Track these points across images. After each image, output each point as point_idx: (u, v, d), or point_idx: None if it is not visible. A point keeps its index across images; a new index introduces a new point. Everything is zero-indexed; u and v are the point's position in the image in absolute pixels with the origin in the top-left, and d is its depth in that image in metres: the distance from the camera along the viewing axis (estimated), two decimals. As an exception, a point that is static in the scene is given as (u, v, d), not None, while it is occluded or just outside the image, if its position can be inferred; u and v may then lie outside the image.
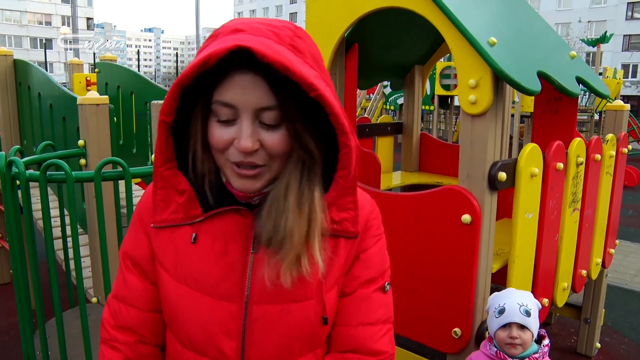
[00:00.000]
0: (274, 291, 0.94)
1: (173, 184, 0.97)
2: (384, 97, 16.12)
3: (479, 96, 2.00)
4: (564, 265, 2.63)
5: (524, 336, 1.83)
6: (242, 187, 0.91)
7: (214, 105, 0.87)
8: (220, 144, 0.88)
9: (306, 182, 0.93)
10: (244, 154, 0.87)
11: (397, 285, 2.41)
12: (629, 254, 5.91)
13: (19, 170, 2.16)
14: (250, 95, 0.84)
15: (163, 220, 1.00)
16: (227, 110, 0.86)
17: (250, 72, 0.84)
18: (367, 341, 1.04)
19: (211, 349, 0.97)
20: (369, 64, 3.29)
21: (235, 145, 0.87)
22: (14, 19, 56.23)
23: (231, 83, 0.85)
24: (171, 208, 0.99)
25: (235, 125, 0.87)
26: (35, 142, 4.20)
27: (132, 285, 1.06)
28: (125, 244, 1.09)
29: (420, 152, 4.00)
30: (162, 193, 0.98)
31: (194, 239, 0.99)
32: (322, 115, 0.88)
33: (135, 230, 1.07)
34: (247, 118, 0.86)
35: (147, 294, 1.05)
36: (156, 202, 0.99)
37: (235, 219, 0.97)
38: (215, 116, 0.88)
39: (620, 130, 3.19)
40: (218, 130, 0.88)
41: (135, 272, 1.06)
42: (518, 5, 2.71)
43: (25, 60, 4.50)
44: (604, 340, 3.67)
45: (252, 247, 0.96)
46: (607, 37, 14.51)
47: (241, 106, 0.85)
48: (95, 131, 2.80)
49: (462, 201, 2.10)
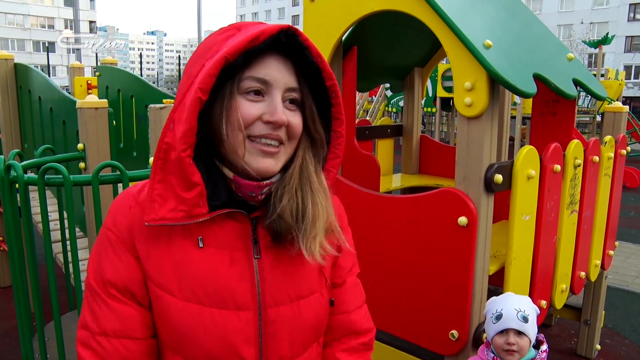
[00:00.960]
0: (284, 292, 0.98)
1: (187, 175, 0.90)
2: (386, 100, 16.14)
3: (475, 99, 2.00)
4: (562, 267, 2.62)
5: (521, 342, 1.81)
6: (263, 167, 0.92)
7: (246, 81, 0.90)
8: (249, 118, 0.90)
9: (317, 166, 0.99)
10: (273, 127, 0.91)
11: (395, 287, 2.42)
12: (630, 255, 5.89)
13: (17, 174, 2.17)
14: (283, 73, 0.92)
15: (161, 218, 0.91)
16: (259, 86, 0.91)
17: (282, 55, 0.92)
18: (360, 322, 1.15)
19: (231, 359, 0.96)
20: (368, 66, 3.29)
21: (266, 118, 0.90)
22: (17, 22, 56.44)
23: (266, 62, 0.91)
24: (169, 205, 0.91)
25: (264, 102, 0.91)
26: (35, 145, 4.22)
27: (125, 315, 0.94)
28: (105, 270, 0.94)
29: (420, 155, 4.00)
30: (160, 188, 0.92)
31: (200, 242, 0.94)
32: (322, 106, 0.98)
33: (117, 252, 0.95)
34: (278, 95, 0.91)
35: (144, 321, 0.95)
36: (153, 197, 0.91)
37: (232, 225, 0.96)
38: (244, 93, 0.91)
39: (619, 131, 3.18)
40: (247, 105, 0.90)
41: (125, 300, 0.94)
42: (516, 9, 2.72)
43: (28, 63, 4.53)
44: (604, 342, 3.66)
45: (255, 253, 0.97)
46: (609, 39, 14.49)
47: (274, 83, 0.91)
48: (95, 135, 2.81)
49: (459, 204, 2.10)
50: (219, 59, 0.86)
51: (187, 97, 0.89)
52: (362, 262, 2.48)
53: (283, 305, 0.98)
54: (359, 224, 2.50)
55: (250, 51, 0.88)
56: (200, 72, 0.89)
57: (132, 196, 0.98)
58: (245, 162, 0.91)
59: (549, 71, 2.27)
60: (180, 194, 0.91)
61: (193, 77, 0.90)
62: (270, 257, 0.97)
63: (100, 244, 0.97)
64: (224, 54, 0.86)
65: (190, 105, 0.87)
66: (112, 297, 0.94)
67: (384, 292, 2.44)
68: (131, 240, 0.94)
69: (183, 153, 0.88)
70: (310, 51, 0.92)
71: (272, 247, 0.98)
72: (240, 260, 0.95)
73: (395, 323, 2.43)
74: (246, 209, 0.96)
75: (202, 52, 0.94)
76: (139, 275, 0.94)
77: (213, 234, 0.95)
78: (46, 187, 2.24)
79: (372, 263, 2.47)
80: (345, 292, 1.12)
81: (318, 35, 2.59)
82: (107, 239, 0.96)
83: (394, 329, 2.44)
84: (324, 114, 0.99)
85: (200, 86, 0.86)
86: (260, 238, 0.97)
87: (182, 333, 0.93)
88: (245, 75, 0.90)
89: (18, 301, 2.39)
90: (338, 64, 2.70)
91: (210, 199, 0.93)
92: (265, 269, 0.97)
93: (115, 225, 0.96)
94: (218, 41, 0.92)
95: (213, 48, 0.91)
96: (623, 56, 41.33)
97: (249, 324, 0.95)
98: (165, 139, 0.91)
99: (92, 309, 0.94)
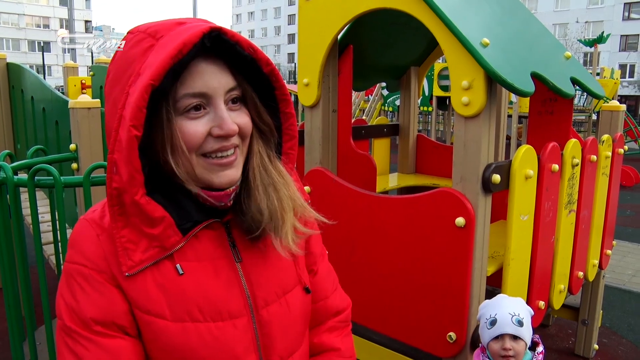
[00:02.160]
0: (271, 290, 0.98)
1: (148, 214, 0.85)
2: (382, 99, 16.12)
3: (472, 98, 1.98)
4: (560, 267, 2.60)
5: (517, 347, 1.79)
6: (226, 180, 0.89)
7: (182, 100, 0.84)
8: (197, 139, 0.85)
9: (272, 156, 0.98)
10: (225, 139, 0.87)
11: (392, 288, 2.40)
12: (627, 254, 5.89)
13: (7, 176, 2.14)
14: (219, 78, 0.86)
15: (139, 263, 0.86)
16: (198, 101, 0.85)
17: (211, 57, 0.85)
18: (337, 303, 1.19)
19: None
20: (364, 65, 3.27)
21: (215, 132, 0.86)
22: (12, 21, 56.23)
23: (198, 71, 0.84)
24: (142, 247, 0.87)
25: (207, 115, 0.86)
26: (28, 146, 4.18)
27: (116, 349, 0.87)
28: (84, 309, 0.86)
29: (417, 154, 3.98)
30: (127, 233, 0.86)
31: (180, 270, 0.89)
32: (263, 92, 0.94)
33: (95, 286, 0.87)
34: (220, 102, 0.86)
35: (136, 350, 0.89)
36: (123, 245, 0.85)
37: (208, 235, 0.94)
38: (183, 113, 0.85)
39: (616, 130, 3.17)
40: (189, 125, 0.85)
41: (114, 334, 0.87)
42: (514, 8, 2.70)
43: (23, 63, 4.49)
44: (602, 341, 3.65)
45: (235, 257, 0.95)
46: (605, 38, 14.54)
47: (213, 92, 0.85)
48: (87, 135, 2.78)
49: (456, 204, 2.07)
50: (144, 87, 0.78)
51: (120, 134, 0.81)
52: (358, 263, 2.47)
53: (273, 304, 0.98)
54: (354, 224, 2.47)
55: (176, 67, 0.80)
56: (127, 104, 0.81)
57: (95, 224, 0.90)
58: (205, 180, 0.88)
59: (546, 70, 2.25)
60: (148, 232, 0.87)
61: (120, 109, 0.82)
62: (251, 258, 0.97)
63: (71, 281, 0.88)
64: (148, 79, 0.78)
65: (127, 145, 0.80)
66: (98, 334, 0.86)
67: (380, 293, 2.41)
68: (109, 269, 0.87)
69: (136, 196, 0.83)
70: (242, 45, 0.86)
71: (249, 248, 0.97)
72: (223, 268, 0.93)
73: (392, 325, 2.40)
74: (217, 215, 0.94)
75: (120, 71, 0.86)
76: (124, 306, 0.87)
77: (192, 249, 0.91)
78: (38, 188, 2.20)
79: (368, 264, 2.44)
80: (321, 280, 1.15)
81: (313, 34, 2.56)
82: (80, 274, 0.87)
83: (391, 331, 2.42)
84: (268, 100, 0.95)
85: (132, 123, 0.79)
86: (237, 241, 0.96)
87: (181, 356, 0.88)
88: (180, 94, 0.83)
89: (8, 304, 2.36)
90: (334, 63, 2.67)
91: (180, 225, 0.89)
92: (249, 272, 0.96)
93: (86, 257, 0.88)
94: (136, 57, 0.84)
95: (132, 66, 0.83)
96: (618, 55, 41.52)
97: (246, 330, 0.94)
98: (112, 184, 0.84)
99: (76, 353, 0.85)
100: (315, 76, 2.57)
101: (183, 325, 0.88)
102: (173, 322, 0.88)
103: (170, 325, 0.88)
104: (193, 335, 0.88)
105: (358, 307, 2.51)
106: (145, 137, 0.83)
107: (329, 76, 2.65)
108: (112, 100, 0.86)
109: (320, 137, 2.64)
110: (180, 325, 0.88)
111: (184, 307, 0.88)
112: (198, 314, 0.89)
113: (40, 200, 3.24)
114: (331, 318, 1.18)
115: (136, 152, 0.81)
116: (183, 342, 0.88)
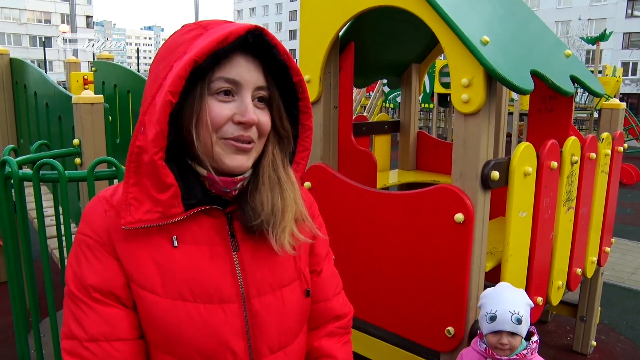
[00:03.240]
0: (266, 282, 1.00)
1: (161, 177, 0.90)
2: (383, 95, 16.12)
3: (472, 95, 2.00)
4: (559, 263, 2.63)
5: (513, 342, 1.85)
6: (237, 164, 0.94)
7: (216, 82, 0.91)
8: (220, 120, 0.91)
9: (285, 161, 1.03)
10: (244, 128, 0.92)
11: (391, 283, 2.42)
12: (626, 252, 5.91)
13: (12, 170, 2.16)
14: (252, 73, 0.93)
15: (137, 221, 0.91)
16: (229, 86, 0.92)
17: (250, 55, 0.93)
18: (339, 308, 1.20)
19: (223, 354, 0.96)
20: (366, 62, 3.28)
21: (237, 119, 0.92)
22: (13, 17, 56.16)
23: (235, 62, 0.92)
24: (144, 207, 0.92)
25: (234, 102, 0.92)
26: (31, 141, 4.20)
27: (113, 317, 0.93)
28: (86, 276, 0.93)
29: (418, 151, 4.00)
30: (135, 191, 0.92)
31: (175, 241, 0.94)
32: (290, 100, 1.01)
33: (97, 256, 0.93)
34: (248, 94, 0.93)
35: (131, 321, 0.95)
36: (128, 200, 0.91)
37: (209, 221, 0.98)
38: (214, 94, 0.91)
39: (616, 128, 3.18)
40: (217, 106, 0.91)
41: (111, 303, 0.93)
42: (514, 6, 2.71)
43: (25, 58, 4.51)
44: (600, 338, 3.67)
45: (233, 246, 0.99)
46: (607, 35, 14.49)
47: (244, 83, 0.92)
48: (90, 130, 2.80)
49: (455, 200, 2.10)
50: (188, 61, 0.86)
51: (157, 99, 0.89)
52: (358, 259, 2.50)
53: (266, 295, 1.00)
54: (355, 220, 2.50)
55: (218, 52, 0.88)
56: (169, 74, 0.89)
57: (105, 200, 0.97)
58: (219, 160, 0.93)
59: (546, 68, 2.27)
60: (155, 195, 0.92)
61: (161, 79, 0.90)
62: (249, 249, 1.00)
63: (77, 250, 0.95)
64: (193, 56, 0.86)
65: (160, 108, 0.87)
66: (96, 301, 0.92)
67: (380, 288, 2.44)
68: (111, 243, 0.94)
69: (155, 156, 0.89)
70: (278, 49, 0.94)
71: (248, 240, 1.00)
72: (220, 254, 0.97)
73: (391, 319, 2.43)
74: (220, 204, 0.98)
75: (168, 51, 0.93)
76: (121, 278, 0.94)
77: (191, 231, 0.96)
78: (42, 183, 2.23)
79: (368, 259, 2.46)
80: (324, 281, 1.17)
81: (315, 30, 2.58)
82: (86, 244, 0.95)
83: (390, 326, 2.44)
84: (292, 108, 1.02)
85: (170, 89, 0.86)
86: (237, 232, 1.00)
87: (170, 332, 0.93)
88: (215, 76, 0.91)
89: (13, 297, 2.39)
90: (335, 60, 2.69)
91: (185, 198, 0.94)
92: (245, 261, 0.99)
93: (93, 229, 0.95)
94: (185, 41, 0.92)
95: (180, 48, 0.91)
96: (620, 53, 41.37)
97: (235, 316, 0.97)
98: (136, 142, 0.91)
99: (77, 316, 0.92)
100: (317, 73, 2.59)
101: (174, 303, 0.93)
102: (164, 298, 0.93)
103: (161, 301, 0.93)
104: (182, 314, 0.93)
105: (357, 302, 2.53)
106: (176, 112, 0.90)
107: (331, 73, 2.67)
108: (155, 73, 0.93)
109: (322, 133, 2.67)
110: (171, 302, 0.93)
111: (176, 286, 0.93)
112: (188, 294, 0.93)
113: (42, 194, 3.26)
114: (331, 322, 1.19)
115: (167, 116, 0.88)
116: (172, 319, 0.93)
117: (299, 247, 1.05)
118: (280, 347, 1.03)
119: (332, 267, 1.22)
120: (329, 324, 1.18)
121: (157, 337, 0.95)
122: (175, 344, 0.94)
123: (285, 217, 0.99)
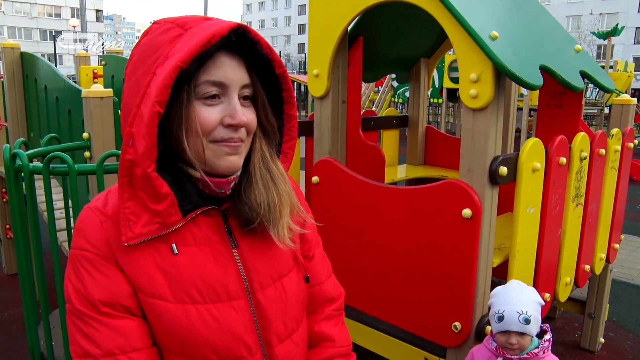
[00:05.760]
0: (267, 274, 1.03)
1: (156, 188, 0.89)
2: (392, 90, 16.06)
3: (480, 90, 1.99)
4: (567, 260, 2.62)
5: (522, 341, 1.83)
6: (230, 164, 0.94)
7: (202, 86, 0.90)
8: (209, 124, 0.91)
9: (273, 154, 1.04)
10: (234, 130, 0.92)
11: (398, 278, 2.42)
12: (635, 249, 5.86)
13: (23, 163, 2.18)
14: (237, 72, 0.92)
15: (138, 235, 0.90)
16: (216, 89, 0.91)
17: (233, 53, 0.92)
18: (332, 290, 1.25)
19: (239, 350, 0.98)
20: (374, 57, 3.27)
21: (227, 122, 0.91)
22: (24, 11, 56.46)
23: (220, 62, 0.91)
24: (143, 220, 0.91)
25: (221, 105, 0.92)
26: (42, 134, 4.23)
27: (125, 328, 0.92)
28: (91, 291, 0.91)
29: (426, 146, 3.99)
30: (132, 205, 0.90)
31: (175, 248, 0.94)
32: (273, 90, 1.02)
33: (100, 269, 0.92)
34: (234, 95, 0.92)
35: (143, 330, 0.94)
36: (126, 216, 0.90)
37: (206, 221, 0.99)
38: (201, 98, 0.91)
39: (626, 124, 3.16)
40: (205, 111, 0.91)
41: (121, 314, 0.92)
42: (524, 1, 2.69)
43: (35, 52, 4.53)
44: (608, 335, 3.66)
45: (232, 243, 1.01)
46: (619, 30, 14.35)
47: (230, 83, 0.92)
48: (100, 124, 2.81)
49: (463, 195, 2.09)
50: (173, 67, 0.84)
51: (142, 109, 0.86)
52: (366, 253, 2.50)
53: (268, 287, 1.03)
54: (362, 215, 2.50)
55: (202, 55, 0.87)
56: (152, 82, 0.86)
57: (99, 211, 0.95)
58: (211, 163, 0.93)
59: (555, 63, 2.25)
60: (151, 207, 0.91)
61: (144, 87, 0.87)
62: (247, 244, 1.02)
63: (77, 266, 0.93)
64: (178, 62, 0.84)
65: (148, 119, 0.85)
66: (107, 315, 0.91)
67: (386, 283, 2.44)
68: (112, 255, 0.92)
69: (148, 169, 0.88)
70: (261, 45, 0.94)
71: (245, 235, 1.02)
72: (221, 252, 0.99)
73: (397, 314, 2.43)
74: (215, 203, 0.99)
75: (146, 54, 0.91)
76: (127, 288, 0.92)
77: (191, 233, 0.97)
78: (51, 176, 2.25)
79: (375, 254, 2.47)
80: (316, 265, 1.21)
81: (324, 25, 2.57)
82: (85, 259, 0.92)
83: (397, 320, 2.45)
84: (274, 99, 1.03)
85: (157, 99, 0.84)
86: (234, 228, 1.01)
87: (185, 335, 0.93)
88: (201, 80, 0.89)
89: (24, 289, 2.41)
90: (343, 55, 2.69)
91: (181, 205, 0.94)
92: (245, 257, 1.01)
93: (91, 243, 0.93)
94: (164, 42, 0.89)
95: (159, 51, 0.89)
96: (632, 48, 40.92)
97: (244, 312, 0.99)
98: (126, 156, 0.88)
99: (87, 334, 0.90)
100: (325, 67, 2.58)
101: (184, 307, 0.93)
102: (174, 304, 0.92)
103: (172, 307, 0.92)
104: (194, 317, 0.93)
105: (364, 296, 2.54)
106: (163, 119, 0.89)
107: (339, 67, 2.66)
108: (135, 79, 0.90)
109: (330, 128, 2.67)
110: (182, 307, 0.93)
111: (184, 289, 0.93)
112: (197, 296, 0.94)
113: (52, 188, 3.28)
114: (326, 305, 1.23)
115: (156, 127, 0.86)
116: (185, 323, 0.93)
117: (295, 239, 1.07)
118: (288, 335, 1.06)
119: (322, 250, 1.26)
120: (325, 307, 1.22)
121: (171, 341, 0.94)
122: (190, 347, 0.94)
123: (283, 214, 1.01)
